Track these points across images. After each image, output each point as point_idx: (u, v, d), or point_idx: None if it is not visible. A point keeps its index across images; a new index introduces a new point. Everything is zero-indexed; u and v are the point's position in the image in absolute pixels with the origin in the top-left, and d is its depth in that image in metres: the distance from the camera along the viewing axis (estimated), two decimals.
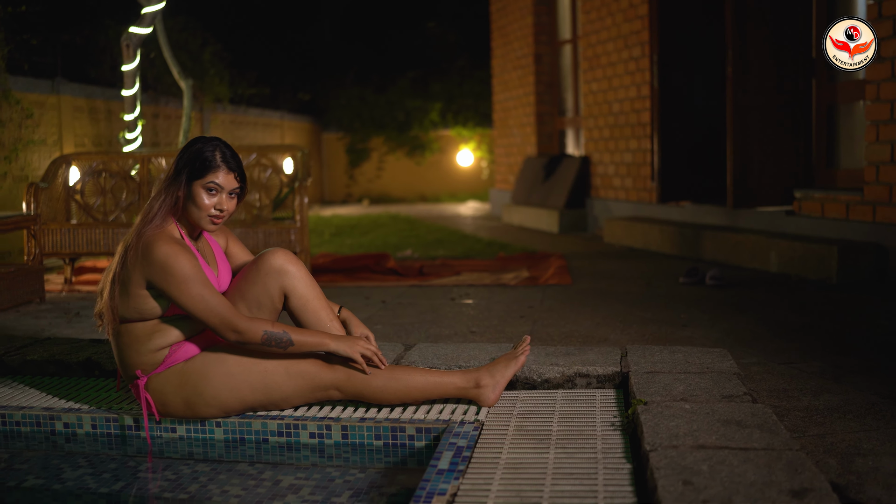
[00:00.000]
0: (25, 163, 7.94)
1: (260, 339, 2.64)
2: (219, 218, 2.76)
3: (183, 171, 2.72)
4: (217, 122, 12.77)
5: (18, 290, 5.18)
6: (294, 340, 2.68)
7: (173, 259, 2.60)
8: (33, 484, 2.60)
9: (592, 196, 9.46)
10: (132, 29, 7.98)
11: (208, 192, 2.72)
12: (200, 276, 2.63)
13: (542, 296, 5.28)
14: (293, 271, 2.85)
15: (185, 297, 2.60)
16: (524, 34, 11.23)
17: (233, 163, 2.75)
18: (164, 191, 2.73)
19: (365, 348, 2.73)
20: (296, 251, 6.23)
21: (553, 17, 10.96)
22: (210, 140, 2.77)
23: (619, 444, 2.46)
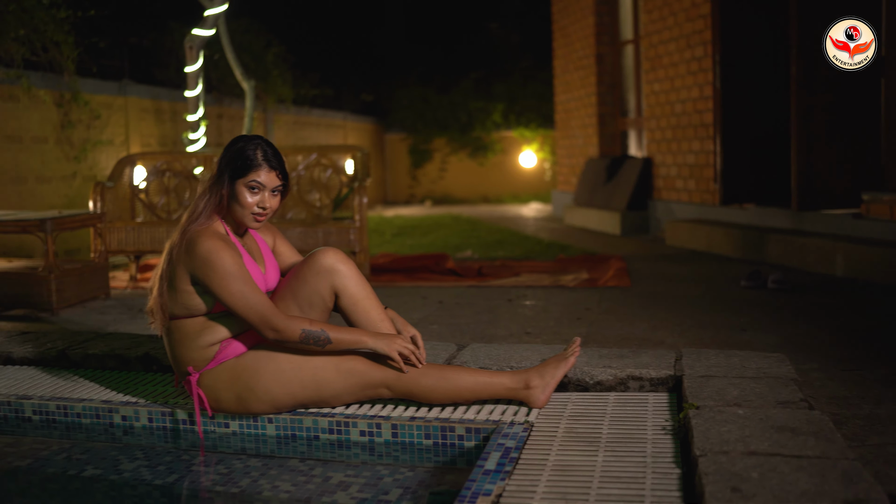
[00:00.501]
0: (94, 162, 8.14)
1: (298, 337, 2.67)
2: (262, 215, 2.79)
3: (226, 170, 2.76)
4: (280, 123, 12.93)
5: (85, 287, 5.31)
6: (332, 338, 2.70)
7: (215, 255, 2.64)
8: (92, 474, 2.66)
9: (655, 198, 9.35)
10: (195, 31, 8.13)
11: (251, 191, 2.75)
12: (242, 273, 2.66)
13: (599, 298, 5.23)
14: (344, 270, 2.87)
15: (226, 293, 2.64)
16: (586, 34, 11.15)
17: (274, 161, 2.78)
18: (209, 190, 2.78)
19: (403, 346, 2.73)
20: (355, 251, 6.28)
21: (615, 18, 10.87)
22: (252, 139, 2.81)
23: (670, 449, 2.43)
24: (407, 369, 2.75)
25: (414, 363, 2.75)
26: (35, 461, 2.78)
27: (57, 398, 3.08)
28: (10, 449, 2.90)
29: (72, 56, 7.53)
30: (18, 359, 3.58)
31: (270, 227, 3.11)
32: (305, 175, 6.97)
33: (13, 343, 3.69)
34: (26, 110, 7.33)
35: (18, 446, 2.92)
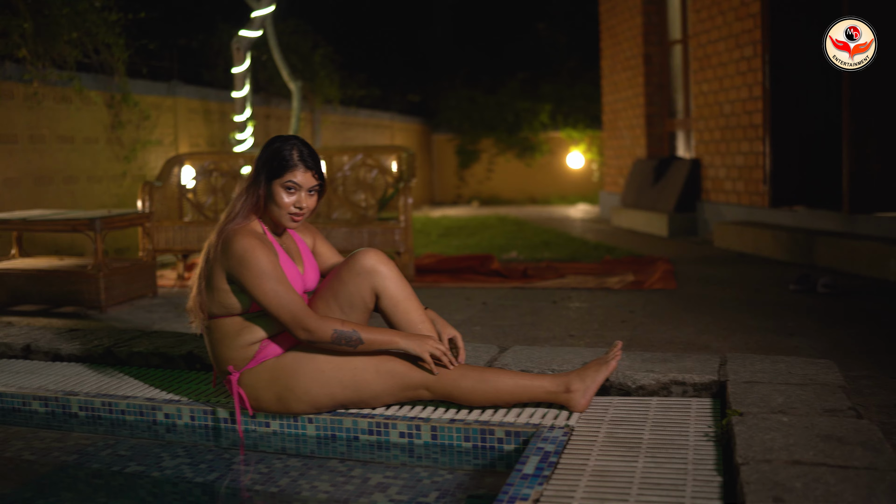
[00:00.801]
0: (143, 162, 8.26)
1: (330, 337, 2.67)
2: (299, 215, 2.81)
3: (262, 170, 2.78)
4: (327, 123, 13.01)
5: (133, 285, 5.38)
6: (364, 339, 2.70)
7: (250, 253, 2.66)
8: (135, 470, 2.69)
9: (703, 199, 9.24)
10: (242, 32, 8.21)
11: (287, 191, 2.77)
12: (275, 273, 2.67)
13: (645, 300, 5.18)
14: (384, 272, 2.87)
15: (259, 292, 2.66)
16: (633, 34, 11.06)
17: (310, 161, 2.79)
18: (246, 190, 2.80)
19: (434, 348, 2.73)
20: (400, 251, 6.29)
21: (663, 17, 10.76)
22: (288, 139, 2.82)
23: (711, 456, 2.39)
24: (438, 371, 2.74)
25: (445, 364, 2.74)
26: (81, 457, 2.82)
27: (102, 395, 3.13)
28: (57, 444, 2.95)
29: (122, 58, 7.65)
30: (66, 355, 3.64)
31: (310, 228, 3.12)
32: (351, 175, 7.00)
33: (62, 340, 3.76)
34: (78, 111, 7.46)
35: (65, 441, 2.97)
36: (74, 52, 7.16)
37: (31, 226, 5.24)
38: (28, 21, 6.52)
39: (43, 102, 7.08)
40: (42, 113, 7.10)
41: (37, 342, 3.73)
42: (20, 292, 5.24)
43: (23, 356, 3.73)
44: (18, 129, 6.88)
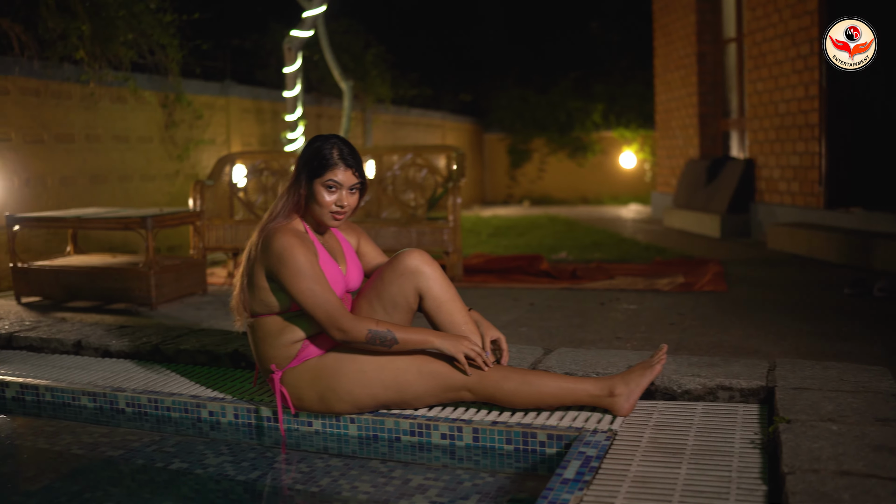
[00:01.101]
0: (196, 161, 8.37)
1: (364, 337, 2.67)
2: (340, 214, 2.81)
3: (303, 170, 2.79)
4: (378, 123, 13.06)
5: (183, 282, 5.45)
6: (398, 339, 2.69)
7: (288, 251, 2.67)
8: (179, 467, 2.72)
9: (757, 200, 9.08)
10: (293, 32, 8.27)
11: (328, 190, 2.77)
12: (313, 272, 2.68)
13: (694, 303, 5.11)
14: (428, 272, 2.86)
15: (296, 290, 2.67)
16: (687, 33, 10.92)
17: (350, 160, 2.79)
18: (288, 190, 2.82)
19: (469, 348, 2.71)
20: (448, 251, 6.29)
21: (717, 15, 10.60)
22: (328, 138, 2.82)
23: (757, 464, 2.34)
24: (473, 371, 2.72)
25: (479, 366, 2.73)
26: (126, 452, 2.86)
27: (149, 391, 3.17)
28: (104, 439, 2.99)
29: (176, 58, 7.76)
30: (115, 352, 3.70)
31: (355, 228, 3.13)
32: (401, 175, 7.01)
33: (112, 336, 3.81)
34: (133, 111, 7.59)
35: (112, 437, 3.01)
36: (130, 52, 7.28)
37: (85, 224, 5.33)
38: (86, 23, 6.65)
39: (99, 103, 7.21)
40: (98, 113, 7.23)
41: (87, 338, 3.79)
42: (74, 289, 5.33)
43: (74, 352, 3.80)
44: (75, 129, 7.02)
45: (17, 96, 6.54)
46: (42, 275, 5.41)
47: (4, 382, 3.40)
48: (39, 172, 6.68)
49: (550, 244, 8.86)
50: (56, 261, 5.65)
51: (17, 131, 6.53)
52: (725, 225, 9.02)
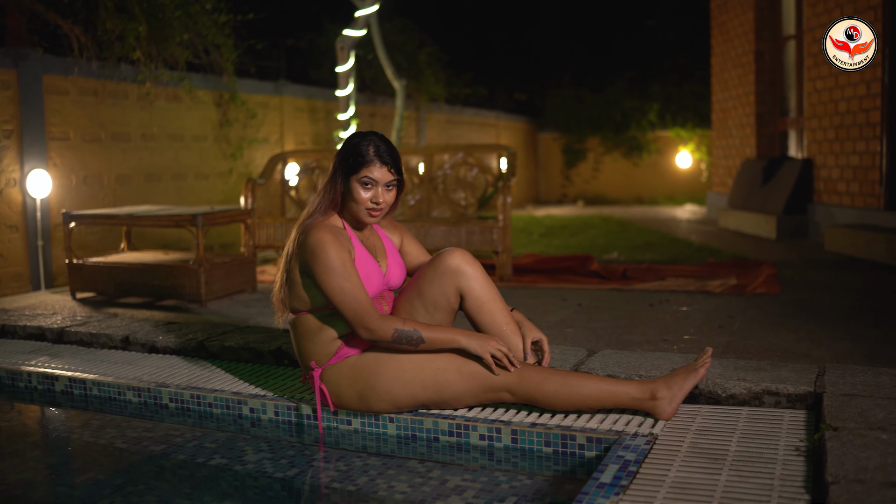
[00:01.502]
0: (249, 160, 8.46)
1: (391, 337, 2.66)
2: (376, 210, 2.81)
3: (340, 167, 2.80)
4: (432, 122, 13.07)
5: (233, 280, 5.51)
6: (425, 338, 2.68)
7: (321, 247, 2.68)
8: (218, 463, 2.74)
9: (814, 201, 8.88)
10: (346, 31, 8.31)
11: (364, 186, 2.78)
12: (344, 270, 2.68)
13: (745, 305, 5.01)
14: (470, 272, 2.85)
15: (326, 286, 2.68)
16: (745, 30, 10.72)
17: (387, 156, 2.79)
18: (325, 186, 2.83)
19: (496, 348, 2.69)
20: (497, 250, 6.26)
21: (776, 12, 10.39)
22: (366, 135, 2.82)
23: (801, 472, 2.28)
24: (499, 371, 2.70)
25: (506, 366, 2.70)
26: (169, 447, 2.89)
27: (191, 388, 3.20)
28: (147, 434, 3.03)
29: (231, 58, 7.85)
30: (162, 348, 3.74)
31: (398, 226, 3.13)
32: (451, 174, 7.00)
33: (158, 333, 3.87)
34: (188, 110, 7.69)
35: (155, 431, 3.05)
36: (185, 53, 7.37)
37: (137, 221, 5.42)
38: (143, 24, 6.75)
39: (155, 102, 7.32)
40: (154, 112, 7.34)
41: (135, 334, 3.85)
42: (127, 285, 5.42)
43: (122, 347, 3.86)
44: (132, 128, 7.14)
45: (76, 96, 6.67)
46: (96, 271, 5.51)
47: (54, 376, 3.47)
48: (96, 171, 6.81)
49: (602, 244, 8.78)
50: (109, 257, 5.75)
51: (76, 130, 6.66)
52: (781, 226, 8.84)
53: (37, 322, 4.19)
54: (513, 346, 2.89)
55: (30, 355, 3.81)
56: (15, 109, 6.18)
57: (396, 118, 9.66)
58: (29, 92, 6.26)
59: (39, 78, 6.36)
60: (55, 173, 6.44)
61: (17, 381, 3.56)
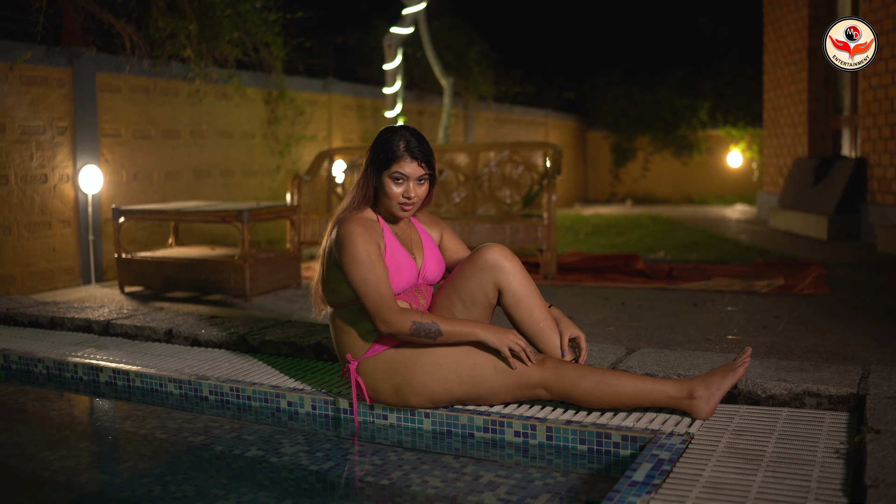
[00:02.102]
0: (297, 157, 8.53)
1: (409, 330, 2.67)
2: (408, 205, 2.82)
3: (372, 162, 2.82)
4: (480, 120, 13.06)
5: (277, 275, 5.56)
6: (443, 331, 2.69)
7: (350, 239, 2.72)
8: (255, 455, 2.77)
9: (868, 201, 8.70)
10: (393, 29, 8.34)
11: (395, 182, 2.80)
12: (369, 262, 2.70)
13: (792, 306, 4.92)
14: (508, 267, 2.84)
15: (350, 277, 2.71)
16: (798, 27, 10.55)
17: (417, 151, 2.80)
18: (358, 182, 2.86)
19: (514, 342, 2.68)
20: (542, 248, 6.24)
21: (831, 8, 10.19)
22: (397, 130, 2.84)
23: (839, 475, 2.23)
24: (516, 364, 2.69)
25: (524, 360, 2.69)
26: (207, 438, 2.93)
27: (231, 381, 3.24)
28: (187, 425, 3.08)
29: (280, 56, 7.93)
30: (204, 341, 3.80)
31: (438, 222, 3.13)
32: (497, 172, 6.99)
33: (201, 326, 3.92)
34: (237, 108, 7.78)
35: (194, 423, 3.09)
36: (235, 51, 7.47)
37: (184, 216, 5.50)
38: (193, 23, 6.85)
39: (204, 99, 7.42)
40: (203, 109, 7.45)
41: (178, 327, 3.91)
42: (173, 279, 5.50)
43: (165, 340, 3.92)
44: (181, 125, 7.25)
45: (128, 94, 6.79)
46: (144, 265, 5.60)
47: (99, 367, 3.54)
48: (146, 167, 6.92)
49: (649, 244, 8.70)
50: (157, 252, 5.84)
51: (127, 127, 6.78)
52: (833, 226, 8.67)
53: (84, 315, 4.28)
54: (550, 342, 2.88)
55: (77, 347, 3.90)
56: (69, 107, 6.31)
57: (444, 116, 9.67)
58: (82, 90, 6.39)
59: (93, 76, 6.49)
60: (106, 169, 6.56)
61: (63, 371, 3.64)
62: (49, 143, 6.16)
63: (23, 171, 5.99)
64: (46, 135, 6.15)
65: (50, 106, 6.18)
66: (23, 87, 6.00)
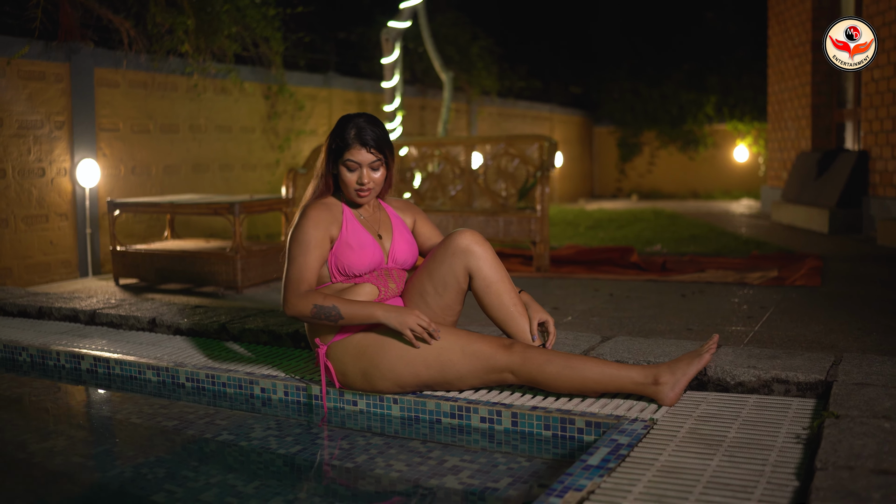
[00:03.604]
0: (296, 151, 8.57)
1: (310, 312, 2.73)
2: (364, 191, 2.86)
3: (328, 151, 2.86)
4: (483, 115, 13.07)
5: (269, 267, 5.59)
6: (343, 314, 2.73)
7: (301, 220, 2.82)
8: (226, 439, 2.80)
9: (870, 195, 8.67)
10: (391, 23, 8.36)
11: (349, 169, 2.85)
12: (306, 245, 2.77)
13: (781, 297, 4.92)
14: (479, 252, 2.86)
15: (287, 252, 2.82)
16: (802, 20, 10.50)
17: (368, 138, 2.83)
18: (318, 171, 2.90)
19: (415, 323, 2.70)
20: (535, 241, 6.25)
21: (835, 0, 10.15)
22: (351, 118, 2.87)
23: (795, 460, 2.24)
24: (419, 345, 2.73)
25: (426, 340, 2.72)
26: (181, 423, 2.96)
27: (206, 367, 3.27)
28: (163, 410, 3.11)
29: (279, 51, 7.96)
30: (186, 330, 3.83)
31: (412, 207, 3.16)
32: (492, 165, 7.00)
33: (184, 315, 3.95)
34: (236, 102, 7.82)
35: (170, 409, 3.12)
36: (234, 45, 7.51)
37: (177, 209, 5.54)
38: (191, 18, 6.89)
39: (203, 94, 7.46)
40: (202, 104, 7.49)
41: (161, 317, 3.94)
42: (167, 272, 5.54)
43: (149, 329, 3.96)
44: (180, 120, 7.29)
45: (126, 88, 6.84)
46: (138, 258, 5.64)
47: (80, 355, 3.58)
48: (144, 161, 6.97)
49: (648, 237, 8.69)
50: (152, 245, 5.88)
51: (125, 121, 6.83)
52: (834, 220, 8.64)
53: (72, 304, 4.32)
54: (520, 327, 2.90)
55: (61, 335, 3.94)
56: (67, 101, 6.36)
57: (443, 109, 9.69)
58: (80, 84, 6.44)
59: (91, 71, 6.54)
60: (104, 163, 6.61)
61: (47, 359, 3.68)
62: (47, 138, 6.21)
63: (20, 164, 6.05)
64: (44, 129, 6.20)
65: (48, 100, 6.23)
66: (20, 81, 6.06)
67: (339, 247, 2.85)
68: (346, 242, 2.85)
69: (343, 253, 2.85)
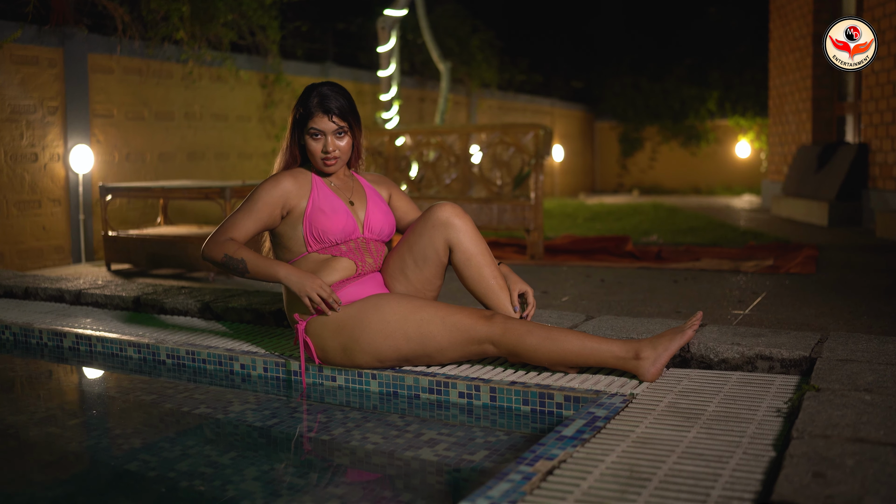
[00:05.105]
0: None
1: (220, 259, 2.79)
2: (330, 159, 2.85)
3: (293, 122, 2.86)
4: (483, 107, 13.03)
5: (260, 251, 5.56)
6: (249, 267, 2.79)
7: (263, 183, 2.84)
8: (203, 412, 2.78)
9: (869, 187, 8.62)
10: (387, 11, 8.33)
11: (313, 138, 2.85)
12: (253, 204, 2.82)
13: (774, 283, 4.88)
14: (459, 225, 2.83)
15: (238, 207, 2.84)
16: (803, 13, 10.45)
17: (330, 105, 2.81)
18: (285, 142, 2.90)
19: (315, 291, 2.72)
20: (529, 228, 6.22)
21: None
22: (315, 87, 2.87)
23: (773, 432, 2.20)
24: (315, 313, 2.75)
25: (324, 310, 2.73)
26: (159, 397, 2.94)
27: (187, 344, 3.25)
28: (142, 385, 3.10)
29: (276, 39, 7.94)
30: (170, 309, 3.81)
31: (386, 181, 3.15)
32: (488, 153, 6.97)
33: (168, 295, 3.93)
34: (232, 91, 7.79)
35: (150, 384, 3.11)
36: (230, 33, 7.48)
37: (169, 193, 5.51)
38: (186, 5, 6.86)
39: (198, 82, 7.44)
40: (197, 92, 7.46)
41: (146, 296, 3.92)
42: (158, 257, 5.52)
43: (133, 309, 3.93)
44: (175, 107, 7.27)
45: (121, 75, 6.82)
46: (129, 243, 5.62)
47: (62, 333, 3.56)
48: (139, 148, 6.95)
49: (645, 228, 8.66)
50: (144, 230, 5.86)
51: (120, 108, 6.80)
52: (834, 213, 8.60)
53: (58, 285, 4.30)
54: (500, 300, 2.87)
55: (46, 315, 3.92)
56: (60, 87, 6.34)
57: (441, 100, 9.66)
58: (74, 70, 6.42)
59: (84, 56, 6.51)
60: (98, 150, 6.59)
61: (29, 337, 3.66)
62: (40, 123, 6.19)
63: (13, 149, 6.03)
64: (37, 114, 6.18)
65: (41, 85, 6.21)
66: (13, 66, 6.04)
67: (312, 213, 2.83)
68: (318, 208, 2.83)
69: (317, 219, 2.82)
